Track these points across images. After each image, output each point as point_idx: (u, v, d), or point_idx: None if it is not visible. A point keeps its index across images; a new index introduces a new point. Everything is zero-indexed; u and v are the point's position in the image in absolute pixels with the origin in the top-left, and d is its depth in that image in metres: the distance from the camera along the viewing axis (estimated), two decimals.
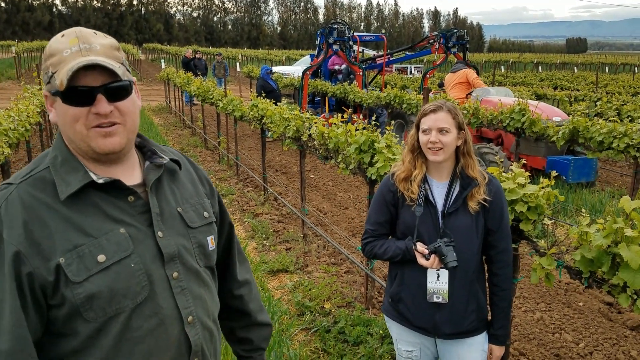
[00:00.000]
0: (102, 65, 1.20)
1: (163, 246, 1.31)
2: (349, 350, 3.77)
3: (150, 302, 1.27)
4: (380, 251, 2.37)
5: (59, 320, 1.20)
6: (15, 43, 33.00)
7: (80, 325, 1.20)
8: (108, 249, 1.22)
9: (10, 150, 4.93)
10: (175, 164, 1.44)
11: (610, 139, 6.44)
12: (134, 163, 1.37)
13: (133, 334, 1.24)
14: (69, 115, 1.22)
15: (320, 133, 5.06)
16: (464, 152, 2.27)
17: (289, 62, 32.18)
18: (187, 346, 1.34)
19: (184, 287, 1.34)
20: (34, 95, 7.98)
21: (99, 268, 1.20)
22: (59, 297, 1.18)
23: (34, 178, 1.24)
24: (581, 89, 17.48)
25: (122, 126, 1.26)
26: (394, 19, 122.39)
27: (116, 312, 1.22)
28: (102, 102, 1.22)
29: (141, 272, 1.26)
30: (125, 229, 1.26)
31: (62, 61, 1.20)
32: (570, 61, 46.42)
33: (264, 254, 5.70)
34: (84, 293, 1.18)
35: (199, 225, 1.43)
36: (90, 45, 1.22)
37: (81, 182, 1.23)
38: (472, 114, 8.32)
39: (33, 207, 1.19)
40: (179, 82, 13.38)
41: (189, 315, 1.33)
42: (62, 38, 1.23)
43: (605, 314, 4.57)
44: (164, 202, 1.36)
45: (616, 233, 2.05)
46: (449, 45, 11.87)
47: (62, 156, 1.27)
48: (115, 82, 1.23)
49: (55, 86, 1.21)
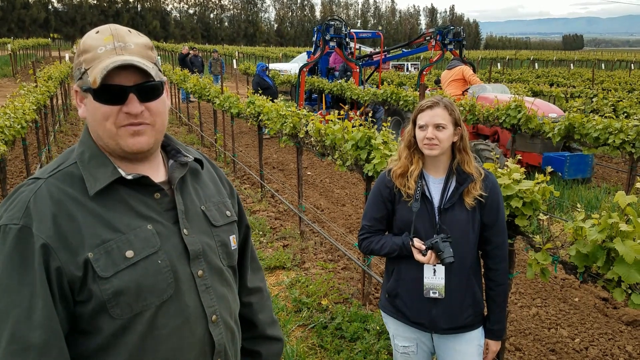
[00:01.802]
0: (136, 65, 1.19)
1: (189, 243, 1.30)
2: (345, 346, 3.78)
3: (176, 300, 1.26)
4: (377, 247, 2.38)
5: (84, 317, 1.19)
6: (10, 40, 32.79)
7: (106, 323, 1.19)
8: (136, 245, 1.22)
9: (6, 147, 4.92)
10: (198, 164, 1.44)
11: (606, 135, 6.47)
12: (159, 161, 1.37)
13: (158, 331, 1.23)
14: (99, 112, 1.22)
15: (317, 130, 5.06)
16: (460, 148, 2.28)
17: (285, 59, 32.11)
18: (211, 346, 1.32)
19: (208, 285, 1.33)
20: (30, 92, 7.95)
21: (127, 264, 1.20)
22: (86, 293, 1.17)
23: (62, 173, 1.24)
24: (577, 86, 17.51)
25: (150, 126, 1.26)
26: (391, 16, 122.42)
27: (142, 309, 1.21)
28: (134, 102, 1.22)
29: (167, 269, 1.25)
30: (152, 225, 1.26)
31: (96, 58, 1.20)
32: (567, 58, 46.56)
33: (261, 250, 5.71)
34: (111, 289, 1.17)
35: (222, 224, 1.43)
36: (124, 44, 1.22)
37: (110, 177, 1.23)
38: (469, 111, 8.33)
39: (62, 201, 1.19)
40: (175, 79, 13.36)
41: (213, 314, 1.32)
42: (97, 35, 1.23)
43: (601, 309, 4.60)
44: (189, 201, 1.36)
45: (611, 228, 2.06)
46: (446, 42, 11.87)
47: (90, 152, 1.27)
48: (147, 83, 1.23)
49: (87, 83, 1.20)
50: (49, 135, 9.82)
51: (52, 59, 32.12)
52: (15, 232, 1.14)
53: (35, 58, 31.55)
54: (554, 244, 2.45)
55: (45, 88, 9.21)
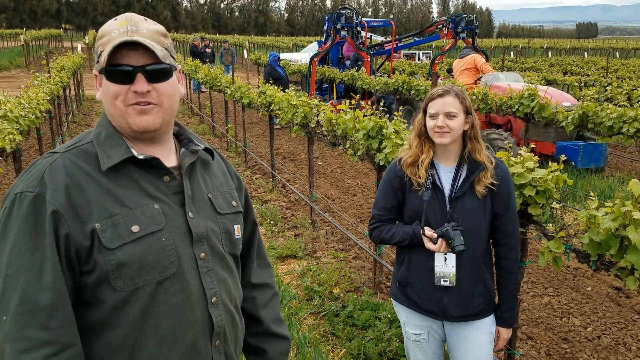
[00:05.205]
0: (144, 45, 1.26)
1: (193, 226, 1.35)
2: (357, 333, 3.81)
3: (178, 278, 1.30)
4: (388, 236, 2.39)
5: (87, 287, 1.24)
6: (23, 31, 33.02)
7: (108, 294, 1.24)
8: (142, 221, 1.27)
9: (21, 137, 4.97)
10: (209, 154, 1.50)
11: (620, 123, 6.39)
12: (171, 148, 1.43)
13: (159, 308, 1.28)
14: (110, 91, 1.29)
15: (328, 119, 5.06)
16: (471, 137, 2.27)
17: (296, 48, 32.03)
18: (210, 327, 1.36)
19: (209, 268, 1.37)
20: (43, 83, 8.00)
21: (132, 237, 1.25)
22: (91, 263, 1.22)
23: (78, 149, 1.31)
24: (591, 74, 17.29)
25: (157, 107, 1.31)
26: (402, 4, 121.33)
27: (144, 283, 1.26)
28: (141, 82, 1.28)
29: (171, 247, 1.30)
30: (159, 205, 1.31)
31: (110, 41, 1.27)
32: (581, 46, 45.93)
33: (273, 240, 5.74)
34: (115, 260, 1.22)
35: (227, 213, 1.47)
36: (137, 28, 1.29)
37: (123, 155, 1.29)
38: (481, 100, 8.27)
39: (75, 174, 1.25)
40: (186, 69, 13.38)
41: (213, 296, 1.36)
42: (114, 21, 1.31)
43: (614, 298, 4.58)
44: (196, 187, 1.41)
45: (624, 216, 2.05)
46: (458, 30, 11.74)
47: (106, 132, 1.34)
48: (155, 64, 1.29)
49: (101, 64, 1.28)
50: (62, 125, 9.90)
51: (64, 49, 32.28)
52: (30, 199, 1.20)
53: (47, 49, 31.73)
54: (566, 232, 2.44)
55: (59, 78, 9.27)
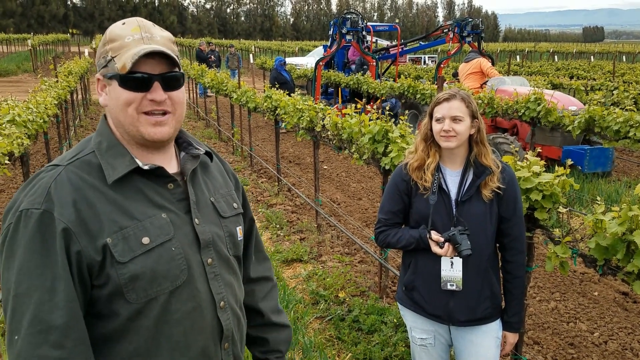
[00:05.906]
0: (164, 53, 1.26)
1: (200, 233, 1.35)
2: (363, 338, 3.80)
3: (188, 286, 1.31)
4: (394, 240, 2.39)
5: (100, 300, 1.23)
6: (30, 36, 33.26)
7: (122, 307, 1.23)
8: (152, 232, 1.27)
9: (29, 141, 5.01)
10: (207, 157, 1.50)
11: (627, 128, 6.36)
12: (172, 153, 1.43)
13: (172, 316, 1.28)
14: (122, 98, 1.27)
15: (334, 123, 5.07)
16: (478, 141, 2.28)
17: (302, 53, 32.10)
18: (219, 331, 1.38)
19: (217, 273, 1.38)
20: (51, 87, 8.06)
21: (143, 250, 1.25)
22: (104, 277, 1.22)
23: (80, 161, 1.28)
24: (598, 78, 17.22)
25: (172, 115, 1.32)
26: (408, 8, 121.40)
27: (157, 293, 1.26)
28: (158, 90, 1.28)
29: (180, 256, 1.30)
30: (166, 214, 1.31)
31: (125, 46, 1.25)
32: (587, 50, 45.74)
33: (278, 243, 5.75)
34: (128, 273, 1.22)
35: (230, 215, 1.48)
36: (151, 35, 1.28)
37: (128, 167, 1.28)
38: (487, 104, 8.26)
39: (81, 188, 1.23)
40: (192, 74, 13.44)
41: (221, 301, 1.38)
42: (124, 26, 1.29)
43: (621, 303, 4.55)
44: (199, 192, 1.42)
45: (631, 220, 2.04)
46: (464, 34, 11.74)
47: (107, 142, 1.32)
48: (172, 72, 1.30)
49: (114, 69, 1.26)
50: (70, 129, 9.96)
51: (71, 54, 32.49)
52: (37, 217, 1.18)
53: (55, 53, 31.93)
54: (573, 237, 2.43)
55: (66, 83, 9.33)
